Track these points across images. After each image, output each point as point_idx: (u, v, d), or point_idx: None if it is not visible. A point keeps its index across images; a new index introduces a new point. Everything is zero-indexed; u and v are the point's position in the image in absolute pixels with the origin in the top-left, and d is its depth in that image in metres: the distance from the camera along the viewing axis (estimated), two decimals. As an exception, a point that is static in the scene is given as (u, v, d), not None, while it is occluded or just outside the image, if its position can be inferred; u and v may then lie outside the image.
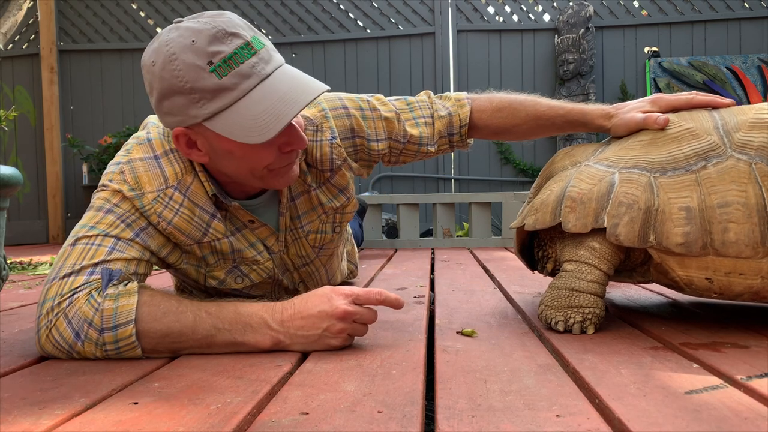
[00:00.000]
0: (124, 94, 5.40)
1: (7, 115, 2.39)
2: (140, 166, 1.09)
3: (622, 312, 1.29)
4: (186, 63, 0.94)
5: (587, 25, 4.84)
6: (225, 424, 0.66)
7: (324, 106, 1.26)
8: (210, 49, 0.94)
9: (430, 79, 5.14)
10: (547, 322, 1.10)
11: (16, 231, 5.23)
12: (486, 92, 1.40)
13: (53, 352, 0.96)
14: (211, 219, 1.13)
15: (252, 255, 1.21)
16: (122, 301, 0.94)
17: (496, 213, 4.31)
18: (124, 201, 1.07)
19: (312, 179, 1.26)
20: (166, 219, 1.08)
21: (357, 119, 1.28)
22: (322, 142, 1.24)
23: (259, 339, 0.95)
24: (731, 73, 4.58)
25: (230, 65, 0.95)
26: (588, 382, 0.78)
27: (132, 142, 1.15)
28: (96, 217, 1.05)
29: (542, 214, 1.14)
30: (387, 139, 1.32)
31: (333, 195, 1.29)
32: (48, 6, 5.29)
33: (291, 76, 1.02)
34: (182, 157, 1.11)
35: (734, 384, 0.77)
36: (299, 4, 5.25)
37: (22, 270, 2.70)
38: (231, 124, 0.97)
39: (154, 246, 1.09)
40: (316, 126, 1.23)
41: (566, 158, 1.26)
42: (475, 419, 0.66)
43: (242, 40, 0.97)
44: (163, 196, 1.08)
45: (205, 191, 1.12)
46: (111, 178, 1.10)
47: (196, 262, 1.18)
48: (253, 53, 0.98)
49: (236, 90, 0.96)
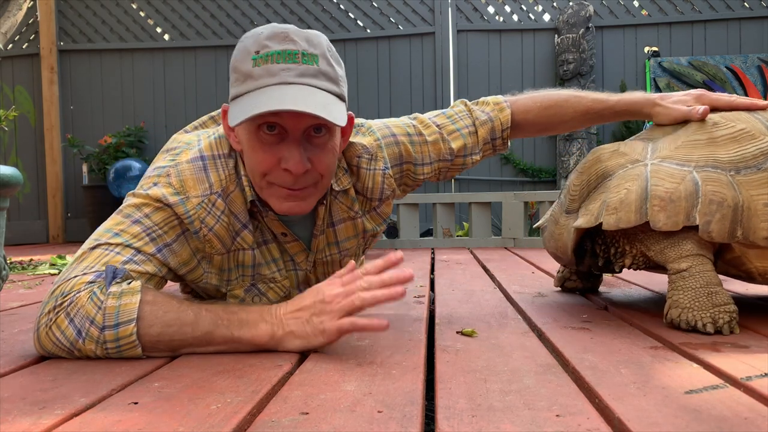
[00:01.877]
0: (124, 94, 5.40)
1: (7, 115, 2.39)
2: (187, 169, 1.10)
3: (622, 312, 1.29)
4: (245, 47, 1.04)
5: (587, 24, 4.84)
6: (225, 424, 0.66)
7: (378, 135, 1.26)
8: (264, 42, 1.02)
9: (430, 79, 5.14)
10: (690, 325, 1.07)
11: (16, 231, 5.23)
12: (524, 93, 1.40)
13: (53, 350, 0.96)
14: (242, 229, 1.14)
15: (270, 272, 1.20)
16: (125, 299, 0.94)
17: (496, 213, 4.31)
18: (158, 211, 1.06)
19: (359, 207, 1.26)
20: (208, 225, 1.09)
21: (406, 146, 1.28)
22: (375, 171, 1.23)
23: (255, 333, 0.95)
24: (731, 73, 4.58)
25: (267, 60, 1.01)
26: (588, 382, 0.78)
27: (181, 146, 1.17)
28: (122, 224, 1.04)
29: (625, 213, 1.15)
30: (435, 161, 1.31)
31: (377, 223, 1.30)
32: (48, 6, 5.29)
33: (311, 94, 1.01)
34: (227, 164, 1.12)
35: (734, 384, 0.77)
36: (299, 4, 5.25)
37: (22, 270, 2.70)
38: (236, 108, 1.02)
39: (174, 263, 1.08)
40: (371, 155, 1.23)
41: (617, 156, 1.27)
42: (475, 419, 0.66)
43: (293, 46, 1.01)
44: (208, 201, 1.09)
45: (243, 200, 1.12)
46: (156, 181, 1.09)
47: (217, 282, 1.17)
48: (294, 61, 1.01)
49: (258, 81, 1.00)
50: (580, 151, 4.79)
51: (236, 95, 1.03)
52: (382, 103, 5.18)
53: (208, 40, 5.32)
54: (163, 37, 5.40)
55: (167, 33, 5.39)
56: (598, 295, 1.54)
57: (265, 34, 1.02)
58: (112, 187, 4.77)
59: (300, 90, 1.00)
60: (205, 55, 5.33)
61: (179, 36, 5.36)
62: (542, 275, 2.05)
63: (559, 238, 1.34)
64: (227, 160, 1.12)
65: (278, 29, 1.03)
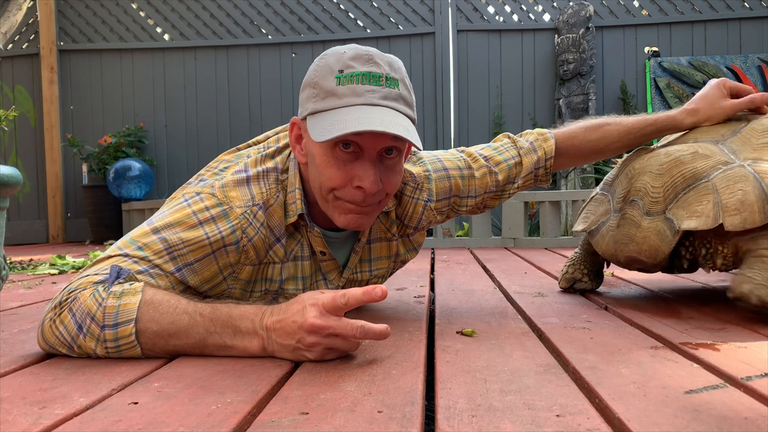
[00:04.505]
0: (124, 94, 5.40)
1: (7, 115, 2.39)
2: (231, 181, 1.11)
3: (622, 312, 1.29)
4: (327, 64, 1.05)
5: (587, 24, 4.84)
6: (225, 424, 0.66)
7: (429, 167, 1.28)
8: (348, 62, 1.03)
9: (430, 79, 5.14)
10: (762, 300, 1.11)
11: (16, 231, 5.23)
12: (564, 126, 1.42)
13: (55, 344, 0.97)
14: (275, 243, 1.14)
15: (293, 288, 1.20)
16: (125, 299, 0.94)
17: (496, 213, 4.31)
18: (189, 230, 1.05)
19: (396, 230, 1.29)
20: (248, 236, 1.09)
21: (456, 180, 1.30)
22: (418, 200, 1.26)
23: (247, 344, 0.94)
24: (731, 73, 4.58)
25: (352, 80, 1.02)
26: (588, 382, 0.78)
27: (230, 163, 1.18)
28: (148, 237, 1.04)
29: (749, 214, 1.17)
30: (481, 194, 1.34)
31: (408, 249, 1.34)
32: (48, 6, 5.29)
33: (394, 116, 1.03)
34: (269, 178, 1.14)
35: (734, 384, 0.77)
36: (299, 4, 5.25)
37: (22, 270, 2.70)
38: (317, 124, 1.03)
39: (195, 281, 1.07)
40: (417, 184, 1.26)
41: (701, 159, 1.29)
42: (475, 419, 0.66)
43: (378, 69, 1.03)
44: (250, 213, 1.09)
45: (281, 215, 1.13)
46: (199, 191, 1.10)
47: (239, 296, 1.17)
48: (378, 84, 1.03)
49: (342, 99, 1.02)
50: (580, 151, 4.79)
51: (316, 111, 1.04)
52: (382, 103, 5.17)
53: (208, 40, 5.32)
54: (163, 37, 5.40)
55: (167, 33, 5.39)
56: (598, 295, 1.54)
57: (349, 55, 1.04)
58: (112, 186, 4.77)
59: (384, 112, 1.02)
60: (205, 55, 5.33)
61: (179, 36, 5.36)
62: (542, 275, 2.05)
63: (643, 242, 1.33)
64: (269, 174, 1.14)
65: (362, 51, 1.05)
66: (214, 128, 5.33)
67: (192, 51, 5.35)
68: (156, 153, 5.35)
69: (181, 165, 5.33)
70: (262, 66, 5.30)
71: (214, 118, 5.34)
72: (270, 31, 5.30)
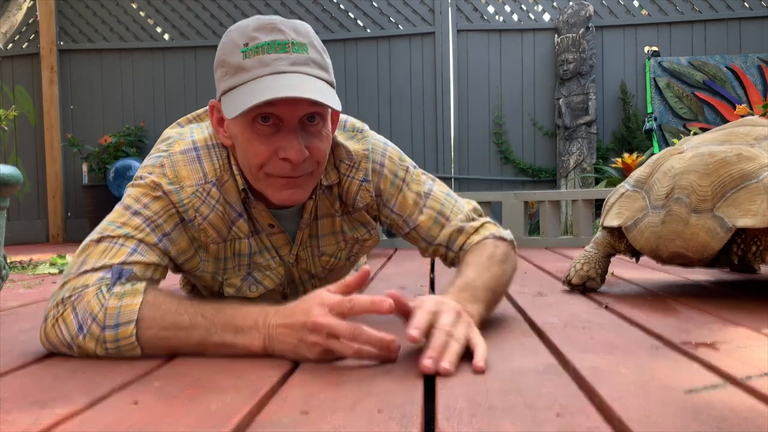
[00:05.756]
0: (124, 93, 5.40)
1: (7, 114, 2.40)
2: (180, 159, 1.10)
3: (622, 311, 1.29)
4: (231, 39, 1.03)
5: (587, 24, 4.84)
6: (225, 423, 0.66)
7: (369, 147, 1.22)
8: (251, 34, 1.01)
9: (430, 78, 5.14)
10: None
11: (16, 231, 5.23)
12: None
13: (56, 343, 0.97)
14: (237, 218, 1.14)
15: (264, 260, 1.21)
16: (127, 300, 0.94)
17: (496, 213, 4.30)
18: (156, 200, 1.07)
19: (339, 207, 1.25)
20: (202, 214, 1.10)
21: (386, 182, 1.24)
22: (353, 179, 1.21)
23: (248, 342, 0.93)
24: (731, 73, 4.57)
25: (258, 51, 1.00)
26: (588, 381, 0.78)
27: (174, 137, 1.16)
28: (124, 216, 1.05)
29: None
30: (397, 215, 1.25)
31: (354, 226, 1.28)
32: (48, 6, 5.29)
33: (306, 81, 1.00)
34: (221, 155, 1.12)
35: (734, 383, 0.77)
36: (299, 3, 5.25)
37: (22, 270, 2.70)
38: (231, 101, 1.01)
39: (174, 252, 1.09)
40: (353, 162, 1.21)
41: (746, 160, 1.37)
42: (475, 419, 0.66)
43: (282, 36, 1.01)
44: (202, 191, 1.09)
45: (237, 190, 1.12)
46: (150, 171, 1.09)
47: (213, 270, 1.18)
48: (285, 51, 1.01)
49: (250, 72, 1.00)
50: (580, 151, 4.79)
51: (228, 88, 1.02)
52: (381, 102, 5.18)
53: (208, 40, 5.32)
54: (163, 37, 5.40)
55: (167, 33, 5.39)
56: (598, 295, 1.54)
57: (252, 26, 1.02)
58: (112, 186, 4.77)
59: (295, 78, 1.00)
60: (205, 55, 5.33)
61: (179, 36, 5.36)
62: (542, 275, 2.05)
63: (692, 238, 1.38)
64: (221, 150, 1.12)
65: (264, 20, 1.03)
66: (214, 128, 5.32)
67: (192, 51, 5.35)
68: (156, 153, 5.34)
69: (181, 165, 5.33)
70: (262, 66, 5.30)
71: (214, 118, 5.33)
72: (270, 31, 5.30)
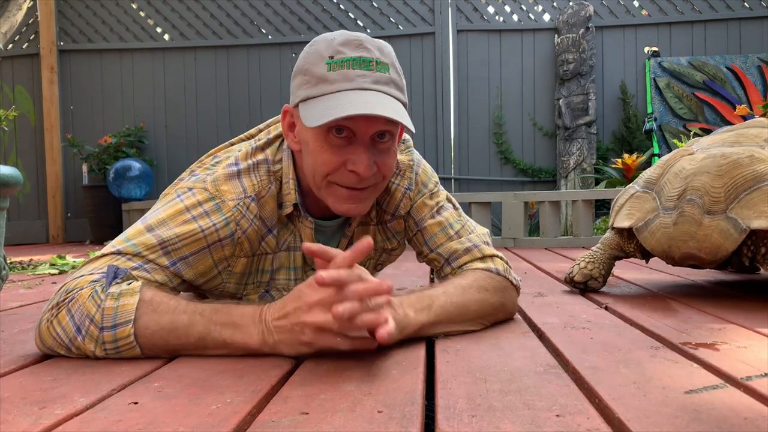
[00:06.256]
0: (124, 94, 5.40)
1: (7, 115, 2.40)
2: (222, 175, 1.11)
3: (622, 312, 1.29)
4: (317, 50, 1.05)
5: (587, 24, 4.84)
6: (225, 424, 0.66)
7: (415, 159, 1.26)
8: (338, 48, 1.03)
9: (430, 78, 5.14)
10: None
11: (16, 231, 5.23)
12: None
13: (52, 345, 0.97)
14: (267, 234, 1.15)
15: (285, 279, 1.21)
16: (123, 300, 0.94)
17: (496, 213, 4.31)
18: (183, 225, 1.05)
19: (374, 215, 1.26)
20: (242, 228, 1.10)
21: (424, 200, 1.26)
22: (398, 186, 1.24)
23: (247, 338, 0.94)
24: (731, 73, 4.58)
25: (343, 66, 1.02)
26: (588, 382, 0.78)
27: (221, 157, 1.18)
28: (142, 235, 1.04)
29: None
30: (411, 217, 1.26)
31: (387, 237, 1.30)
32: (48, 6, 5.29)
33: (386, 100, 1.02)
34: (260, 171, 1.14)
35: (734, 384, 0.77)
36: (299, 4, 5.25)
37: (22, 270, 2.70)
38: (311, 110, 1.02)
39: (190, 275, 1.08)
40: (399, 170, 1.24)
41: (758, 162, 1.38)
42: (475, 419, 0.66)
43: (368, 54, 1.03)
44: (243, 205, 1.10)
45: (274, 206, 1.14)
46: (191, 186, 1.10)
47: (234, 289, 1.18)
48: (369, 68, 1.03)
49: (333, 85, 1.02)
50: (580, 151, 4.79)
51: (307, 97, 1.04)
52: (382, 103, 5.17)
53: (208, 40, 5.32)
54: (163, 37, 5.40)
55: (167, 33, 5.39)
56: (598, 295, 1.54)
57: (339, 41, 1.04)
58: (112, 187, 4.77)
59: (376, 96, 1.02)
60: (205, 55, 5.33)
61: (179, 36, 5.37)
62: (542, 275, 2.05)
63: (705, 239, 1.37)
64: (259, 166, 1.14)
65: (351, 36, 1.05)
66: (214, 128, 5.33)
67: (192, 51, 5.35)
68: (156, 153, 5.35)
69: (181, 165, 5.32)
70: (262, 66, 5.30)
71: (214, 118, 5.34)
72: (270, 31, 5.30)
